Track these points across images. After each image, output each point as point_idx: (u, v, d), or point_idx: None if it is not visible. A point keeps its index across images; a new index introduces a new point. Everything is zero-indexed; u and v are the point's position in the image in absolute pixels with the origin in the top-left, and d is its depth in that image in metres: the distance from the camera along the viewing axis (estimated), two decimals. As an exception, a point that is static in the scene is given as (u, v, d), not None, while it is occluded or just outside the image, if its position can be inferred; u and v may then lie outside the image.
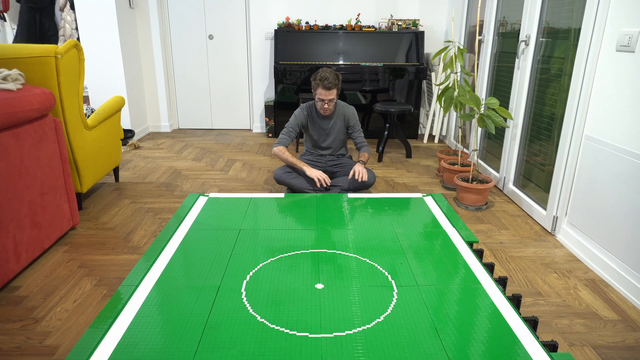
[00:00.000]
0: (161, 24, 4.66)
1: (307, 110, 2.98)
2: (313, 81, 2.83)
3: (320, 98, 2.82)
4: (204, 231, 2.12)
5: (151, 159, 3.91)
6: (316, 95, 2.84)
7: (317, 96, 2.83)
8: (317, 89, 2.81)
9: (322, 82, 2.76)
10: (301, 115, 2.97)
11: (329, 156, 3.08)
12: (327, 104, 2.84)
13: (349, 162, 3.08)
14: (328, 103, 2.84)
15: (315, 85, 2.80)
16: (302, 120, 2.97)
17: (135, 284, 1.67)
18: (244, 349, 1.35)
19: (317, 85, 2.80)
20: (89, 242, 2.38)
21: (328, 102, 2.83)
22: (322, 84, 2.76)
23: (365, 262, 1.86)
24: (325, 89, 2.77)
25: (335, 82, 2.78)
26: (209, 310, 1.53)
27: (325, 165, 3.06)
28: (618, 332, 1.73)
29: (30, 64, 2.32)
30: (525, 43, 2.85)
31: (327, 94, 2.79)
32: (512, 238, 2.49)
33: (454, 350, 1.35)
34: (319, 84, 2.77)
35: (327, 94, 2.79)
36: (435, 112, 4.59)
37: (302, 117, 2.96)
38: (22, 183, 2.02)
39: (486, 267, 1.84)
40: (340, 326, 1.45)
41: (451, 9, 4.53)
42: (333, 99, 2.84)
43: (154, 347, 1.35)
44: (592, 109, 2.24)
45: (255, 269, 1.80)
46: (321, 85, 2.77)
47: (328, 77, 2.75)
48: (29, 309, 1.81)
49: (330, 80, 2.75)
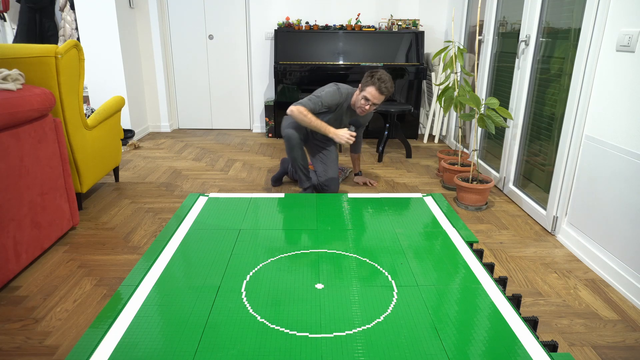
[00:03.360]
0: (161, 24, 4.66)
1: (343, 97, 2.75)
2: (369, 78, 2.60)
3: (368, 98, 2.62)
4: (204, 231, 2.12)
5: (151, 159, 3.91)
6: (365, 92, 2.62)
7: (365, 94, 2.62)
8: (370, 88, 2.59)
9: (379, 84, 2.55)
10: (336, 97, 2.72)
11: (317, 140, 2.99)
12: (370, 107, 2.67)
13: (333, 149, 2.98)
14: (371, 106, 2.66)
15: (370, 83, 2.59)
16: (333, 103, 2.73)
17: (135, 284, 1.67)
18: (244, 349, 1.35)
19: (371, 84, 2.58)
20: (89, 242, 2.38)
21: (372, 106, 2.65)
22: (379, 86, 2.56)
23: (365, 262, 1.86)
24: (380, 92, 2.58)
25: (392, 90, 2.63)
26: (209, 310, 1.53)
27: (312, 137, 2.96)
28: (618, 332, 1.73)
29: (30, 64, 2.32)
30: (525, 43, 2.85)
31: (378, 97, 2.61)
32: (512, 238, 2.49)
33: (454, 350, 1.35)
34: (375, 84, 2.56)
35: (378, 98, 2.61)
36: (435, 112, 4.59)
37: (336, 100, 2.72)
38: (22, 183, 2.02)
39: (486, 267, 1.84)
40: (340, 326, 1.45)
41: (451, 9, 4.53)
42: (378, 104, 2.68)
43: (154, 347, 1.35)
44: (592, 109, 2.24)
45: (255, 269, 1.80)
46: (377, 86, 2.56)
47: (387, 82, 2.56)
48: (29, 309, 1.81)
49: (388, 86, 2.57)
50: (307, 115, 2.63)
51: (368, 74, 2.62)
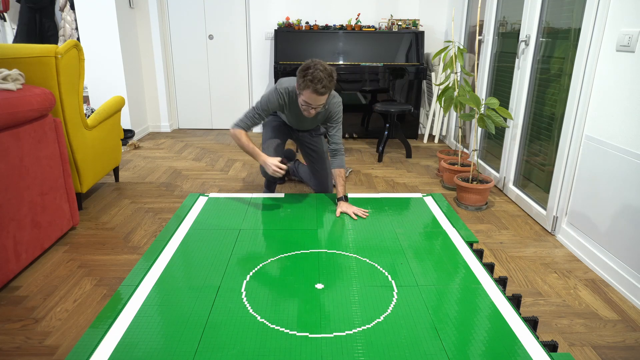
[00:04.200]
0: (161, 24, 4.66)
1: (285, 99, 2.41)
2: (301, 78, 2.17)
3: (306, 102, 2.22)
4: (204, 231, 2.12)
5: (151, 159, 3.91)
6: (302, 95, 2.22)
7: (303, 97, 2.22)
8: (305, 91, 2.18)
9: (313, 85, 2.13)
10: (275, 103, 2.40)
11: (301, 133, 2.74)
12: (316, 110, 2.27)
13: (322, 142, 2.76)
14: (317, 108, 2.26)
15: (304, 85, 2.16)
16: (272, 106, 2.41)
17: (135, 284, 1.67)
18: (244, 349, 1.35)
19: (305, 86, 2.16)
20: (89, 242, 2.38)
21: (316, 108, 2.26)
22: (314, 88, 2.14)
23: (365, 262, 1.86)
24: (317, 93, 2.16)
25: (330, 85, 2.18)
26: (209, 310, 1.53)
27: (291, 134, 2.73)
28: (618, 332, 1.73)
29: (30, 64, 2.32)
30: (525, 43, 2.85)
31: (317, 99, 2.19)
32: (512, 238, 2.49)
33: (454, 350, 1.35)
34: (309, 86, 2.14)
35: (317, 99, 2.20)
36: (435, 112, 4.59)
37: (274, 102, 2.40)
38: (22, 183, 2.02)
39: (486, 267, 1.84)
40: (340, 326, 1.45)
41: (451, 9, 4.53)
42: (323, 104, 2.27)
43: (154, 347, 1.35)
44: (592, 109, 2.24)
45: (255, 269, 1.80)
46: (312, 88, 2.14)
47: (322, 80, 2.13)
48: (29, 309, 1.81)
49: (325, 84, 2.14)
50: (241, 139, 2.36)
51: (300, 71, 2.18)
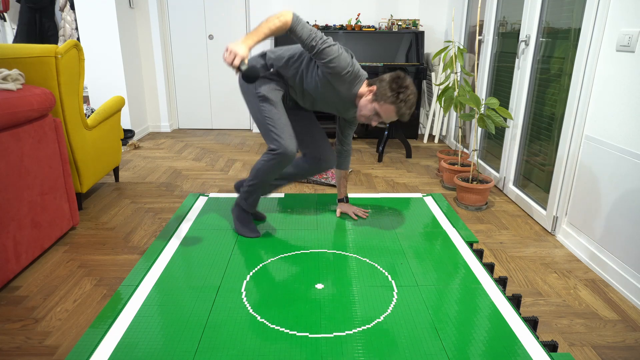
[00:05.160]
0: (161, 24, 4.66)
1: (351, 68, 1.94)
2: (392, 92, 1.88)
3: (380, 114, 1.95)
4: (204, 231, 2.12)
5: (151, 159, 3.91)
6: (379, 106, 1.92)
7: (379, 108, 1.93)
8: (389, 106, 1.90)
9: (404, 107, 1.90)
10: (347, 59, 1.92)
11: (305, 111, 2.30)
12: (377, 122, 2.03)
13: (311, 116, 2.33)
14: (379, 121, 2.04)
15: (391, 101, 1.89)
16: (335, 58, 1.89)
17: (135, 284, 1.67)
18: (244, 349, 1.35)
19: (391, 103, 1.89)
20: (89, 242, 2.38)
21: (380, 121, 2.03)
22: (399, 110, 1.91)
23: (365, 262, 1.86)
24: (398, 115, 1.94)
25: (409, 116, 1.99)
26: (209, 310, 1.53)
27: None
28: (618, 332, 1.73)
29: (30, 64, 2.32)
30: (525, 43, 2.85)
31: (392, 118, 1.98)
32: (512, 238, 2.49)
33: (454, 350, 1.35)
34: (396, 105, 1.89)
35: (392, 118, 1.98)
36: (435, 112, 4.59)
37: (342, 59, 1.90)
38: (22, 183, 2.02)
39: (486, 267, 1.84)
40: (340, 326, 1.45)
41: (451, 9, 4.53)
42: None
43: (154, 347, 1.35)
44: (592, 109, 2.24)
45: (255, 269, 1.80)
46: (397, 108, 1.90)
47: (411, 107, 1.93)
48: (29, 309, 1.81)
49: (411, 112, 1.95)
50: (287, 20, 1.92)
51: (392, 82, 1.90)
